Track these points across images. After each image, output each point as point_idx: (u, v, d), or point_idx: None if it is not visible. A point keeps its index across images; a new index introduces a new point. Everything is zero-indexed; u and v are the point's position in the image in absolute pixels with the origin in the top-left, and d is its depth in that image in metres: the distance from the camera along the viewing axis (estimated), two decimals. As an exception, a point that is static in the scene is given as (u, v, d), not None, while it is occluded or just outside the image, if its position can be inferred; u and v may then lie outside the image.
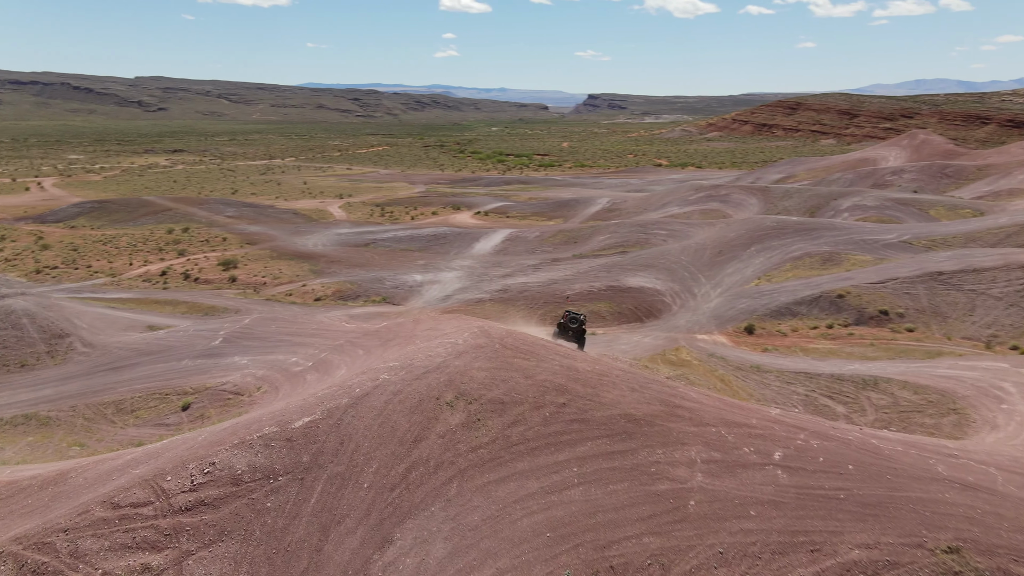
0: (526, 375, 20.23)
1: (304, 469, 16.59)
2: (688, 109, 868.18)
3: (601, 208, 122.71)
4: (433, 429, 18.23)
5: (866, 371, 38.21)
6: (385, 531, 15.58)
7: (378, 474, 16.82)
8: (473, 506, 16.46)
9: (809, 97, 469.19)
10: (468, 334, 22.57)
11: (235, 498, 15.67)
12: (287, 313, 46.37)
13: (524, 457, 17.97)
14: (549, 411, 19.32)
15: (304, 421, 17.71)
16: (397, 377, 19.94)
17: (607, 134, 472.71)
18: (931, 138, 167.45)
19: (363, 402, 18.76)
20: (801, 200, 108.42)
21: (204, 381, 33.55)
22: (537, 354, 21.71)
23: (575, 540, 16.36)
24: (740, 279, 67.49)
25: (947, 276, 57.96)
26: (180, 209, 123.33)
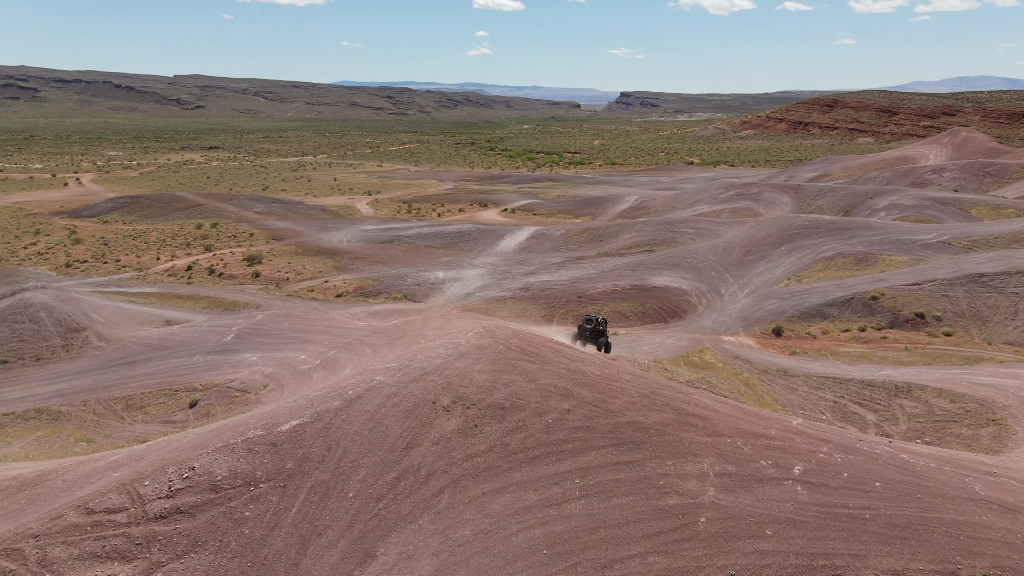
0: (529, 379, 19.11)
1: (287, 476, 15.70)
2: (722, 107, 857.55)
3: (629, 206, 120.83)
4: (427, 435, 17.22)
5: (899, 377, 36.32)
6: (368, 545, 14.60)
7: (365, 483, 15.86)
8: (465, 519, 15.40)
9: (847, 95, 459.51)
10: (472, 334, 21.53)
11: (212, 506, 14.83)
12: (300, 310, 45.83)
13: (523, 467, 16.86)
14: (552, 418, 18.18)
15: (291, 424, 16.82)
16: (393, 379, 18.98)
17: (639, 132, 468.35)
18: (973, 136, 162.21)
19: (355, 405, 17.82)
20: (835, 199, 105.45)
21: (213, 378, 33.01)
22: (543, 356, 20.57)
23: (574, 558, 15.21)
24: (769, 279, 65.45)
25: (988, 278, 55.39)
26: (210, 205, 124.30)
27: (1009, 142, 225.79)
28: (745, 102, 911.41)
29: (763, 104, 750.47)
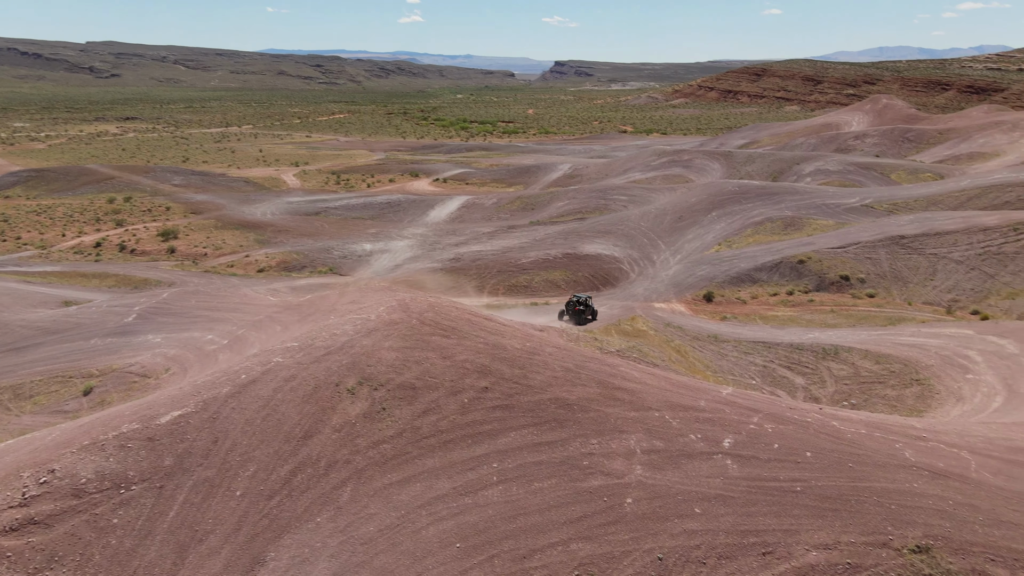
0: (444, 355, 17.62)
1: (165, 475, 13.87)
2: (655, 76, 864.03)
3: (562, 174, 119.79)
4: (328, 421, 15.58)
5: (826, 339, 36.36)
6: (257, 549, 12.97)
7: (255, 478, 14.17)
8: (369, 514, 13.90)
9: (774, 64, 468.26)
10: (383, 309, 19.86)
11: (74, 514, 12.92)
12: (210, 286, 43.07)
13: (435, 452, 15.42)
14: (468, 397, 16.77)
15: (172, 416, 14.93)
16: (292, 360, 17.21)
17: (573, 101, 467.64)
18: (893, 103, 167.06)
19: (248, 391, 16.02)
20: (764, 165, 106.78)
21: (111, 362, 30.36)
22: (460, 330, 19.08)
23: (490, 550, 13.91)
24: (700, 245, 65.49)
25: (908, 240, 56.55)
26: (124, 178, 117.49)
27: (926, 109, 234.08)
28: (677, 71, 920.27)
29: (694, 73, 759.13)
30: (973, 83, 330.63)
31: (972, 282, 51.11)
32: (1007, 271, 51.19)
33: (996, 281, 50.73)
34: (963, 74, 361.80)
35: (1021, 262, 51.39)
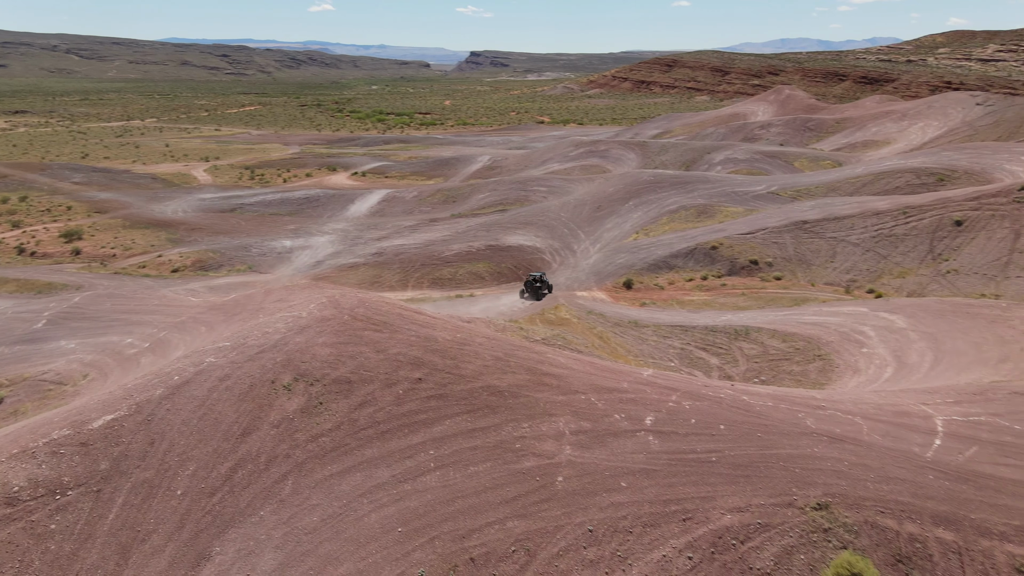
0: (377, 349, 18.09)
1: (102, 479, 13.86)
2: (570, 66, 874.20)
3: (482, 166, 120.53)
4: (266, 418, 15.84)
5: (738, 321, 38.54)
6: (201, 545, 13.21)
7: (196, 477, 14.34)
8: (311, 505, 14.31)
9: (685, 55, 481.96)
10: (314, 305, 20.11)
11: (9, 522, 12.79)
12: (127, 288, 41.76)
13: (373, 443, 15.92)
14: (403, 388, 17.31)
15: (105, 420, 14.87)
16: (225, 360, 17.31)
17: (490, 92, 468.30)
18: (795, 93, 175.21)
19: (182, 392, 16.07)
20: (677, 154, 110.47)
21: (22, 371, 29.23)
22: (392, 324, 19.57)
23: (431, 532, 14.57)
24: (619, 234, 67.56)
25: (811, 225, 60.03)
26: (16, 176, 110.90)
27: (824, 99, 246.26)
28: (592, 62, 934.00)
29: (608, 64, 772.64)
30: (867, 74, 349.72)
31: (868, 263, 54.83)
32: (898, 252, 55.16)
33: (888, 261, 54.60)
34: (858, 65, 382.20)
35: (910, 243, 55.47)
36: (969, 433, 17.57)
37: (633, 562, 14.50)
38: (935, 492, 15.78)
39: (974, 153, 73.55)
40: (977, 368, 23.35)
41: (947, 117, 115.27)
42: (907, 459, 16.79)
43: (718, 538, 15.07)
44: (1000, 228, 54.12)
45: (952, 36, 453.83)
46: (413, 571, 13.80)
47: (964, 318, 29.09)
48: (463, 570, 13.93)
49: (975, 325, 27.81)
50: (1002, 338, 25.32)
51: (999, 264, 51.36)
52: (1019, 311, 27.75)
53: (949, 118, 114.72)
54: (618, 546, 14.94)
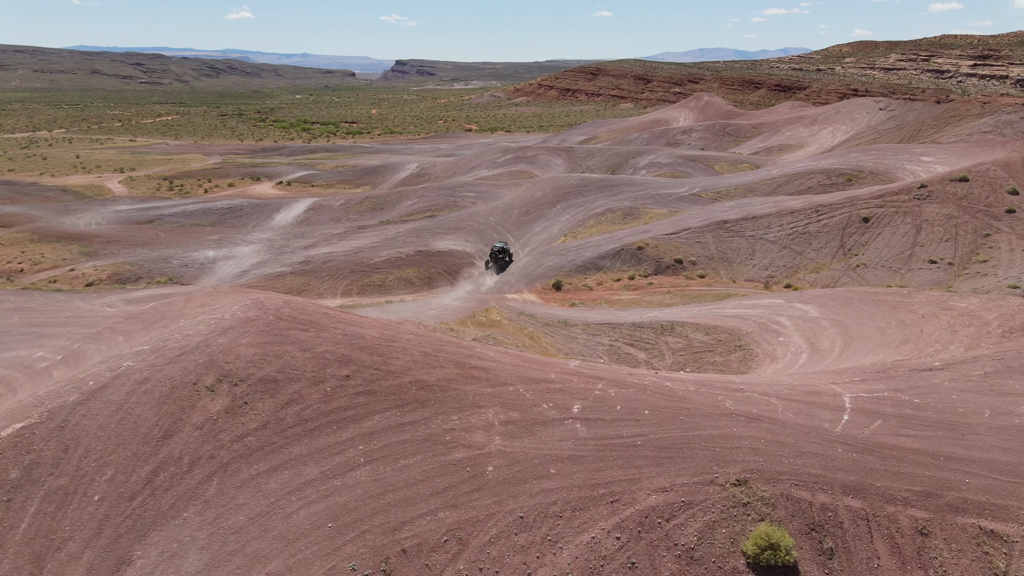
0: (304, 348, 17.92)
1: (12, 488, 13.27)
2: (496, 75, 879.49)
3: (410, 174, 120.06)
4: (188, 420, 15.48)
5: (664, 317, 39.65)
6: (121, 550, 12.81)
7: (114, 481, 13.90)
8: (238, 504, 14.07)
9: (608, 64, 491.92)
10: (238, 307, 19.74)
11: (-91, 537, 12.12)
12: (32, 302, 39.85)
13: (301, 440, 15.77)
14: (330, 386, 17.20)
15: (14, 428, 14.24)
16: (144, 363, 16.82)
17: (417, 100, 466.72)
18: (714, 100, 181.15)
19: (98, 397, 15.54)
20: (603, 159, 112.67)
21: (-78, 390, 27.48)
22: (318, 324, 19.41)
23: (362, 526, 14.54)
24: (547, 237, 68.44)
25: (731, 224, 62.22)
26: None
27: (742, 106, 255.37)
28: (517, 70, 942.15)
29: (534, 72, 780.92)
30: (780, 82, 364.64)
31: (784, 259, 57.25)
32: (812, 248, 57.79)
33: (803, 257, 57.13)
34: (772, 74, 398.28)
35: (823, 239, 58.19)
36: (873, 408, 18.66)
37: (563, 545, 14.82)
38: (844, 464, 16.70)
39: (878, 155, 77.73)
40: (882, 350, 24.70)
41: (854, 121, 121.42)
42: (818, 434, 17.71)
43: (644, 518, 15.56)
44: (903, 224, 57.40)
45: (857, 46, 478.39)
46: (344, 565, 13.75)
47: (870, 305, 30.74)
48: (395, 561, 13.97)
49: (880, 311, 29.41)
50: (903, 322, 26.87)
51: (903, 257, 54.44)
52: (918, 296, 29.53)
53: (856, 122, 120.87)
54: (548, 531, 15.24)
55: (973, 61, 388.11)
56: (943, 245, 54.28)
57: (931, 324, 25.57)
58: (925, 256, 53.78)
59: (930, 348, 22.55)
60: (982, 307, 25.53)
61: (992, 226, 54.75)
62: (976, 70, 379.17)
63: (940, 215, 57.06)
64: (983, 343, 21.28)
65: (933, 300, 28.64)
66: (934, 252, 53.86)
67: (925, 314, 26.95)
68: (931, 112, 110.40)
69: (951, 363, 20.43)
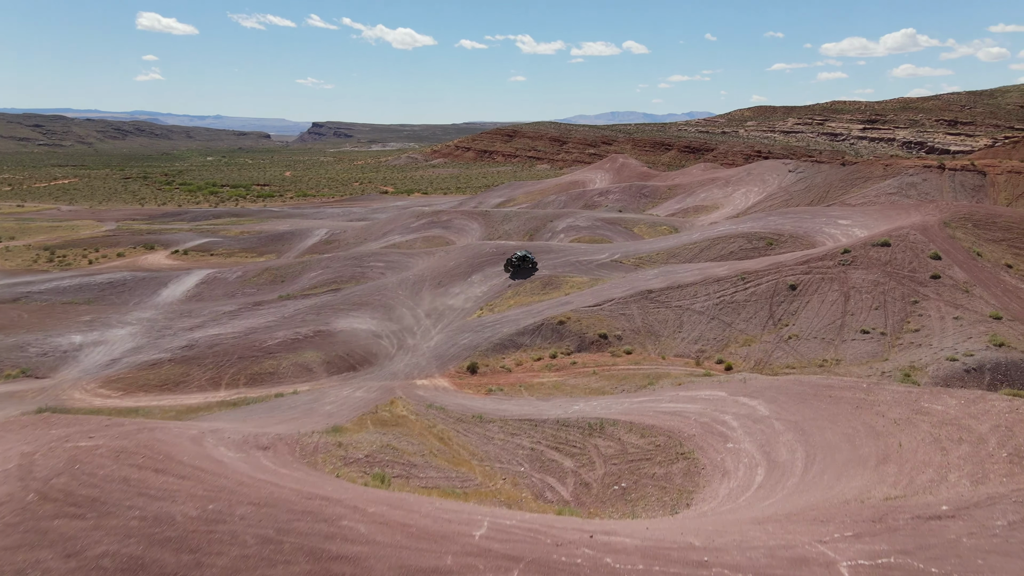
0: (68, 552, 11.86)
1: None
2: (414, 137, 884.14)
3: (319, 240, 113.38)
4: None
5: (591, 412, 34.69)
6: None
7: None
8: None
9: (524, 126, 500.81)
10: (-11, 478, 13.51)
11: None
12: None
13: None
14: (102, 620, 11.14)
15: None
16: None
17: (333, 162, 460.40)
18: (629, 161, 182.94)
19: None
20: (520, 223, 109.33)
21: None
22: (106, 501, 13.36)
23: None
24: (462, 311, 63.23)
25: (656, 294, 58.72)
26: None
27: (655, 166, 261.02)
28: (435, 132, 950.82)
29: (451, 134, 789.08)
30: (689, 144, 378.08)
31: (714, 331, 53.80)
32: (740, 319, 54.64)
33: (733, 329, 53.85)
34: (681, 136, 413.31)
35: (751, 309, 55.19)
36: (882, 584, 13.92)
37: None
38: None
39: (796, 218, 76.85)
40: (857, 470, 20.21)
41: (765, 183, 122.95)
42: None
43: None
44: (831, 291, 55.11)
45: (758, 111, 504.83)
46: None
47: (827, 402, 26.60)
48: None
49: (841, 411, 25.23)
50: (873, 428, 22.63)
51: (834, 327, 51.83)
52: (881, 393, 25.52)
53: (767, 184, 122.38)
54: None
55: (863, 125, 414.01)
56: (873, 314, 52.06)
57: (909, 435, 21.33)
58: (856, 326, 51.33)
59: (922, 475, 18.11)
60: (965, 412, 21.50)
61: (919, 292, 53.04)
62: (866, 133, 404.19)
63: (866, 281, 55.15)
64: (990, 473, 16.94)
65: (901, 399, 24.60)
66: (865, 321, 51.51)
67: (898, 419, 22.79)
68: (838, 174, 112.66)
69: (962, 507, 15.91)
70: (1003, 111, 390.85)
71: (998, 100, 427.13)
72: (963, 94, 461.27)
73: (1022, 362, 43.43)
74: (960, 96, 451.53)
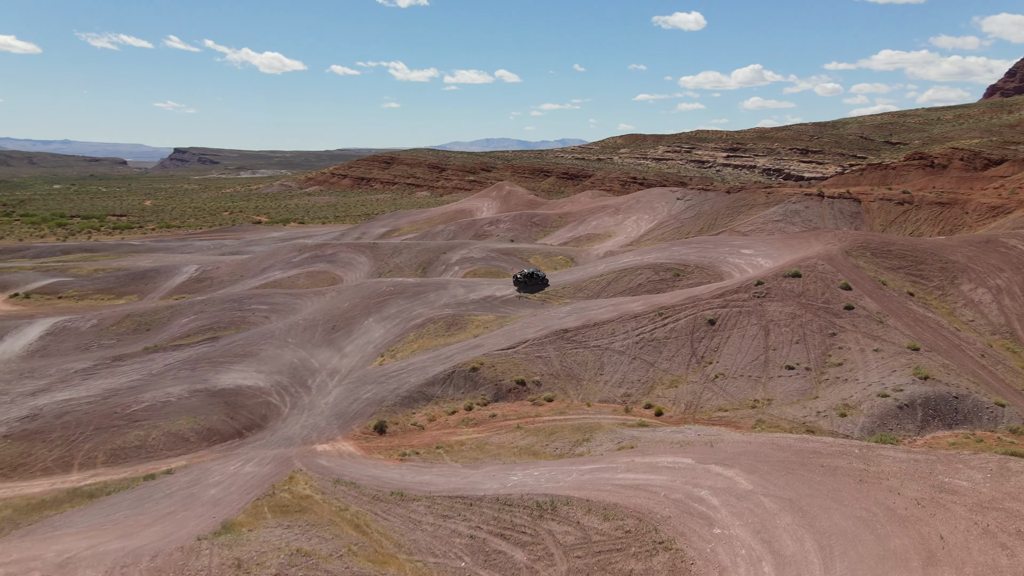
0: None
1: None
2: (286, 164, 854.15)
3: (188, 278, 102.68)
4: None
5: (535, 485, 30.07)
6: None
7: None
8: None
9: (401, 152, 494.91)
10: None
11: None
12: None
13: None
14: None
15: None
16: None
17: (199, 190, 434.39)
18: (516, 189, 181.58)
19: None
20: (411, 256, 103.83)
21: None
22: None
23: None
24: (361, 359, 57.09)
25: (572, 334, 55.25)
26: None
27: (536, 193, 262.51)
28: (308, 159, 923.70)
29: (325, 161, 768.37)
30: (567, 170, 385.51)
31: (637, 372, 50.83)
32: (663, 357, 52.03)
33: (656, 369, 51.10)
34: (558, 163, 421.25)
35: (673, 347, 52.75)
36: None
37: None
38: None
39: (699, 247, 76.28)
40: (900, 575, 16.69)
41: (655, 211, 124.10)
42: None
43: None
44: (750, 325, 53.64)
45: (629, 139, 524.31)
46: None
47: (820, 473, 23.36)
48: None
49: (842, 486, 21.99)
50: (894, 512, 19.40)
51: (759, 364, 50.16)
52: (882, 462, 22.57)
53: (657, 212, 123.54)
54: None
55: (726, 153, 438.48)
56: (795, 348, 50.86)
57: (946, 523, 18.18)
58: (780, 361, 49.87)
59: (994, 587, 14.69)
60: (1001, 492, 18.70)
61: (836, 324, 52.48)
62: (730, 160, 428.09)
63: (784, 314, 54.14)
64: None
65: (910, 470, 21.65)
66: (788, 356, 50.17)
67: (920, 499, 19.67)
68: (724, 201, 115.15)
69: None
70: (846, 141, 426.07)
71: (840, 131, 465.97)
72: (810, 125, 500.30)
73: (948, 395, 43.03)
74: (808, 127, 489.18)
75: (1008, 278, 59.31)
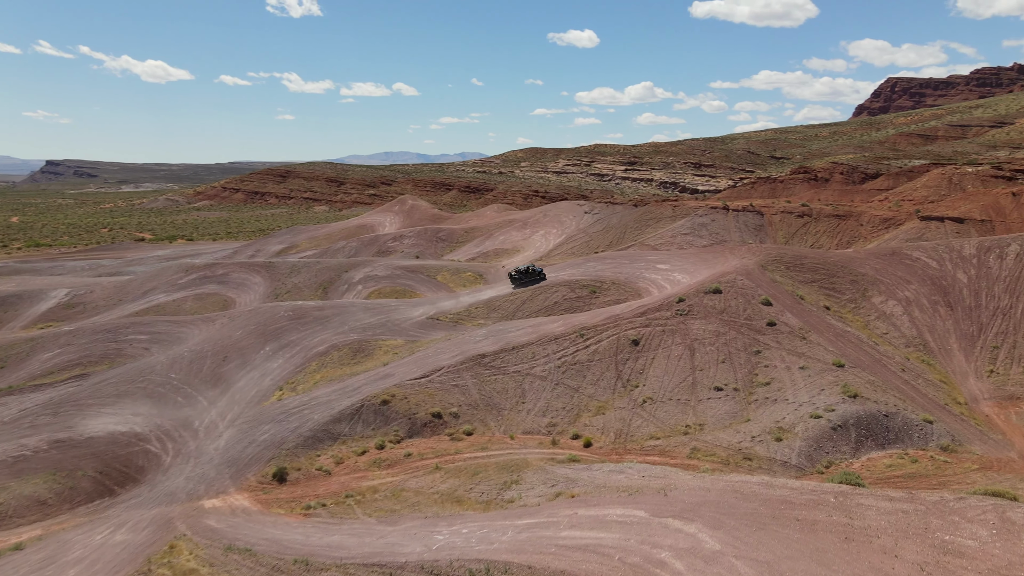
0: None
1: None
2: (173, 177, 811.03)
3: (56, 304, 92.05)
4: None
5: (465, 548, 26.05)
6: None
7: None
8: None
9: (298, 166, 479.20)
10: None
11: None
12: None
13: None
14: None
15: None
16: None
17: (75, 205, 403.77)
18: (419, 203, 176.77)
19: None
20: (311, 275, 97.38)
21: None
22: None
23: None
24: (257, 394, 51.26)
25: (490, 359, 51.64)
26: None
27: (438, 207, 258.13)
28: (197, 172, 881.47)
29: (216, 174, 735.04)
30: (469, 184, 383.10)
31: (561, 399, 47.73)
32: (587, 382, 49.22)
33: (581, 394, 48.20)
34: (459, 176, 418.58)
35: (597, 370, 50.06)
36: None
37: None
38: None
39: (615, 263, 74.50)
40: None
41: (563, 225, 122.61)
42: None
43: None
44: (675, 345, 51.69)
45: (530, 152, 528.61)
46: None
47: (797, 530, 20.58)
48: None
49: (826, 546, 19.24)
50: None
51: (687, 386, 48.13)
52: (866, 515, 20.03)
53: (565, 226, 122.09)
54: None
55: (624, 166, 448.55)
56: (721, 367, 49.19)
57: (962, 596, 15.41)
58: (708, 382, 48.02)
59: None
60: (1014, 552, 16.21)
61: (760, 341, 51.28)
62: (628, 174, 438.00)
63: (707, 332, 52.52)
64: None
65: (902, 526, 19.14)
66: (715, 377, 48.40)
67: (923, 564, 17.14)
68: (632, 215, 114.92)
69: None
70: (735, 155, 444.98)
71: (729, 146, 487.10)
72: (701, 140, 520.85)
73: (879, 413, 42.19)
74: (699, 142, 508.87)
75: (916, 290, 60.32)
